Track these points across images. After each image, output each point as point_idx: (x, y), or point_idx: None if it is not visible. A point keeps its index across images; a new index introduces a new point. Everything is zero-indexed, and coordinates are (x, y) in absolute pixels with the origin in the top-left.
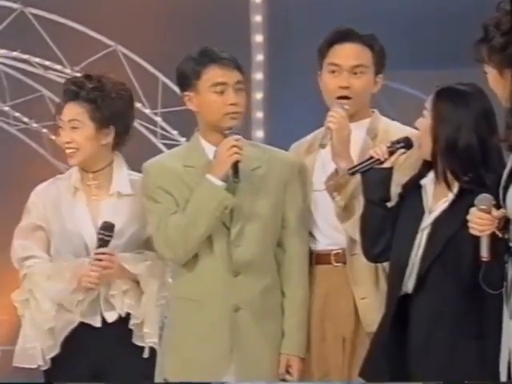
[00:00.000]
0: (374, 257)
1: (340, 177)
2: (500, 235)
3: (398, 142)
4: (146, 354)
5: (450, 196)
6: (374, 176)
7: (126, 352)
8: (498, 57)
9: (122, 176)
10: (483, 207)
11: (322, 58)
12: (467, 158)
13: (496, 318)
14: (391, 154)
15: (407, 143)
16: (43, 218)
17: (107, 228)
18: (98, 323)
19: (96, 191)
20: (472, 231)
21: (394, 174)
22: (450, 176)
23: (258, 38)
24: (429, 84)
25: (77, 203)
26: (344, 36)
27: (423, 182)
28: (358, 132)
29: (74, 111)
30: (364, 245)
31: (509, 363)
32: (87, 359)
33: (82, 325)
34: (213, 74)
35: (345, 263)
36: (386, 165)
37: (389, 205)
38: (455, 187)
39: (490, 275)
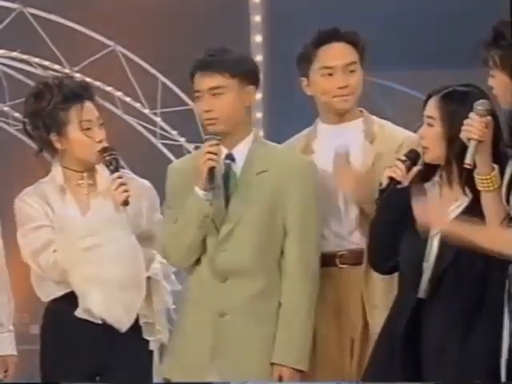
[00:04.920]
0: (386, 271)
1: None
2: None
3: (408, 157)
4: (153, 347)
5: (465, 200)
6: (393, 197)
7: (130, 349)
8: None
9: (105, 172)
10: (480, 109)
11: (308, 63)
12: None
13: None
14: (408, 170)
15: (416, 156)
16: (44, 216)
17: (107, 149)
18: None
19: (87, 190)
20: (462, 134)
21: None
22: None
23: (258, 38)
24: (429, 84)
25: (67, 205)
26: (330, 36)
27: (427, 186)
28: (354, 134)
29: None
30: (375, 261)
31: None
32: (89, 358)
33: (83, 322)
34: (195, 81)
35: (350, 264)
36: (405, 183)
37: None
38: (469, 192)
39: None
